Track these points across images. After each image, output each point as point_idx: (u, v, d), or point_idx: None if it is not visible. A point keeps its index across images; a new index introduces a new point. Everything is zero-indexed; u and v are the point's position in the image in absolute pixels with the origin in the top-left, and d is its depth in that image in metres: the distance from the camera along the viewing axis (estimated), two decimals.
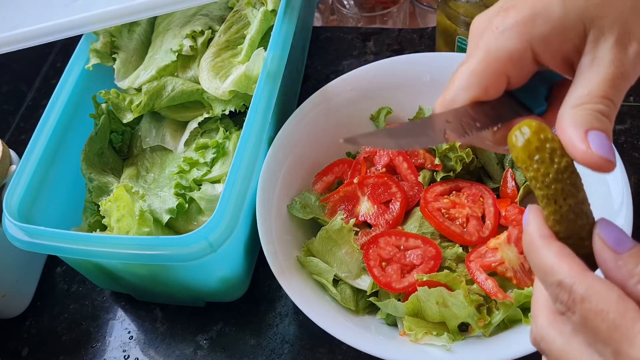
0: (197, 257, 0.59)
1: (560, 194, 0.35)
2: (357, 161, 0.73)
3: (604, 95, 0.36)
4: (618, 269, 0.33)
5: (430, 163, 0.72)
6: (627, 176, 0.63)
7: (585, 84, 0.36)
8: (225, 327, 0.72)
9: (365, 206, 0.69)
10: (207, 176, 0.71)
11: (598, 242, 0.34)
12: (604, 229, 0.34)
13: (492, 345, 0.60)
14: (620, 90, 0.36)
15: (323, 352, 0.68)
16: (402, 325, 0.62)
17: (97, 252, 0.60)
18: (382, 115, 0.77)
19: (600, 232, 0.34)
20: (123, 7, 0.73)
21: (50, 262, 0.80)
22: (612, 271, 0.33)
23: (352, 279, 0.66)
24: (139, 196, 0.66)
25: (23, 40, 0.75)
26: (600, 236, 0.34)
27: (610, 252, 0.33)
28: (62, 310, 0.76)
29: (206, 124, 0.77)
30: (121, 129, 0.79)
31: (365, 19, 1.03)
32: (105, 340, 0.73)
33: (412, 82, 0.76)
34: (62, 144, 0.72)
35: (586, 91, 0.36)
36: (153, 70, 0.76)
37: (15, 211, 0.65)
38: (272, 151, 0.70)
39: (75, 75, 0.76)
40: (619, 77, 0.36)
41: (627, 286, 0.32)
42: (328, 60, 0.95)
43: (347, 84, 0.76)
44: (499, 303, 0.61)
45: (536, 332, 0.36)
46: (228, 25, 0.79)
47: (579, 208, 0.35)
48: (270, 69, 0.69)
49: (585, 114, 0.35)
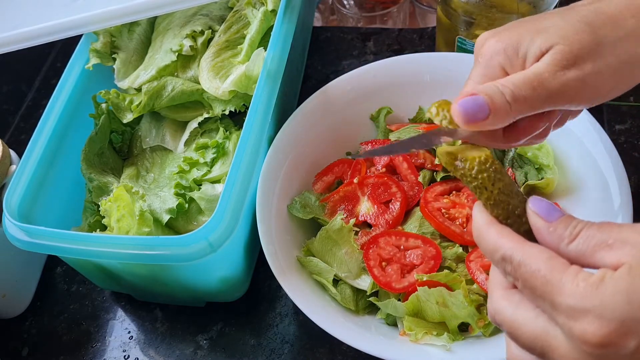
0: (197, 257, 0.59)
1: (487, 181, 0.41)
2: (357, 161, 0.73)
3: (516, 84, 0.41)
4: (550, 234, 0.37)
5: (430, 163, 0.72)
6: (627, 176, 0.63)
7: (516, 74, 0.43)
8: (225, 327, 0.72)
9: (365, 206, 0.69)
10: (207, 176, 0.71)
11: (531, 214, 0.39)
12: (535, 202, 0.39)
13: (492, 345, 0.60)
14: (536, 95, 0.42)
15: (323, 352, 0.68)
16: (402, 325, 0.62)
17: (97, 252, 0.60)
18: (382, 115, 0.77)
19: (532, 206, 0.39)
20: (123, 7, 0.73)
21: (50, 262, 0.80)
22: (545, 238, 0.38)
23: (352, 279, 0.66)
24: (139, 196, 0.66)
25: (23, 40, 0.75)
26: (532, 209, 0.39)
27: (542, 221, 0.38)
28: (62, 310, 0.76)
29: (206, 124, 0.77)
30: (121, 129, 0.79)
31: (365, 19, 1.03)
32: (105, 340, 0.73)
33: (412, 82, 0.76)
34: (62, 144, 0.72)
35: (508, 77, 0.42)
36: (153, 70, 0.76)
37: (15, 211, 0.65)
38: (272, 151, 0.70)
39: (75, 75, 0.76)
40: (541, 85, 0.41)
41: (560, 248, 0.37)
42: (328, 60, 0.95)
43: (347, 84, 0.76)
44: None
45: (491, 307, 0.40)
46: (228, 25, 0.79)
47: (508, 189, 0.41)
48: (270, 69, 0.69)
49: (487, 85, 0.42)
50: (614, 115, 0.82)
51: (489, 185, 0.40)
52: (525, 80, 0.42)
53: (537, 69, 0.42)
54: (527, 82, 0.42)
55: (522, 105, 0.42)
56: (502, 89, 0.42)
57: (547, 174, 0.69)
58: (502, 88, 0.42)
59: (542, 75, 0.42)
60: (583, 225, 0.37)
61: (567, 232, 0.37)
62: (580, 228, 0.37)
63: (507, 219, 0.40)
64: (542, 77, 0.42)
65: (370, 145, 0.74)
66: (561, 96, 0.42)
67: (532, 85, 0.41)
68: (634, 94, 0.84)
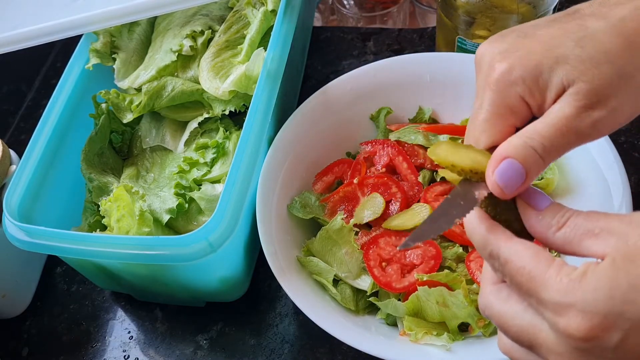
0: (197, 257, 0.59)
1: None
2: (357, 161, 0.73)
3: (545, 135, 0.39)
4: (538, 223, 0.38)
5: (430, 163, 0.72)
6: (627, 176, 0.63)
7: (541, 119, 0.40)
8: (225, 327, 0.72)
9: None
10: (207, 176, 0.71)
11: (520, 203, 0.40)
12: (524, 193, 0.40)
13: (492, 345, 0.60)
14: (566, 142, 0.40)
15: (323, 352, 0.68)
16: (402, 325, 0.62)
17: (97, 252, 0.60)
18: (382, 115, 0.77)
19: (522, 195, 0.40)
20: (123, 7, 0.73)
21: (50, 262, 0.80)
22: (534, 226, 0.39)
23: (352, 279, 0.66)
24: (139, 196, 0.66)
25: (23, 40, 0.75)
26: (522, 199, 0.40)
27: (531, 209, 0.39)
28: (62, 310, 0.76)
29: (206, 124, 0.77)
30: (121, 129, 0.79)
31: (365, 19, 1.03)
32: (105, 340, 0.73)
33: (412, 82, 0.76)
34: (62, 144, 0.72)
35: (533, 127, 0.40)
36: (153, 70, 0.76)
37: (15, 211, 0.65)
38: (272, 151, 0.70)
39: (75, 75, 0.76)
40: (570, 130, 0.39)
41: (548, 236, 0.38)
42: (328, 60, 0.95)
43: (347, 84, 0.76)
44: None
45: (481, 301, 0.41)
46: (228, 25, 0.79)
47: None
48: (270, 69, 0.69)
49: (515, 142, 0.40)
50: None
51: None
52: (553, 128, 0.39)
53: (562, 113, 0.39)
54: (556, 130, 0.39)
55: (554, 154, 0.40)
56: (532, 144, 0.39)
57: (546, 173, 0.69)
58: (531, 142, 0.39)
59: (569, 119, 0.39)
60: (571, 213, 0.37)
61: (555, 220, 0.37)
62: (568, 216, 0.37)
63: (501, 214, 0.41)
64: (570, 121, 0.39)
65: (371, 145, 0.74)
66: (590, 135, 0.40)
67: (562, 133, 0.39)
68: None
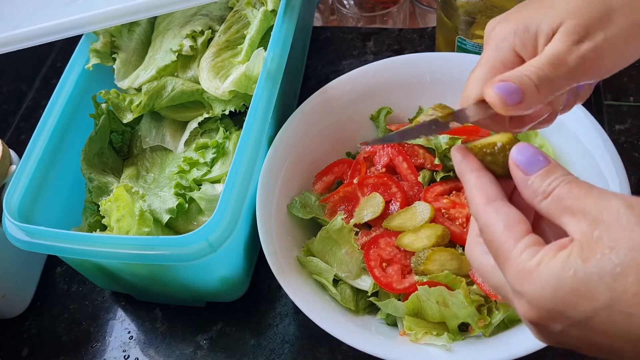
0: (197, 257, 0.59)
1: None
2: (357, 161, 0.73)
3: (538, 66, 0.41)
4: (527, 188, 0.38)
5: (430, 163, 0.72)
6: (627, 176, 0.63)
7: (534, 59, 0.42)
8: (225, 327, 0.72)
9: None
10: (207, 176, 0.71)
11: (512, 165, 0.39)
12: (519, 151, 0.39)
13: (492, 345, 0.60)
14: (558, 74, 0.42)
15: (323, 352, 0.68)
16: (402, 325, 0.62)
17: (97, 252, 0.60)
18: (382, 115, 0.77)
19: (515, 155, 0.39)
20: (123, 7, 0.73)
21: (50, 262, 0.80)
22: (522, 191, 0.39)
23: (352, 279, 0.66)
24: (139, 196, 0.66)
25: (23, 40, 0.75)
26: (513, 160, 0.39)
27: (521, 173, 0.38)
28: (62, 310, 0.76)
29: (206, 124, 0.77)
30: (121, 129, 0.79)
31: (365, 19, 1.03)
32: (105, 340, 0.73)
33: (412, 82, 0.76)
34: (62, 144, 0.72)
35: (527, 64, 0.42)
36: (153, 70, 0.76)
37: (15, 211, 0.65)
38: (272, 151, 0.70)
39: (75, 75, 0.76)
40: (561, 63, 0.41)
41: (534, 204, 0.38)
42: (328, 60, 0.95)
43: (347, 84, 0.76)
44: (499, 303, 0.61)
45: (466, 249, 0.43)
46: (228, 25, 0.79)
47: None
48: (270, 69, 0.69)
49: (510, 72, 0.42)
50: (614, 115, 0.82)
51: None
52: (545, 61, 0.41)
53: (553, 48, 0.42)
54: (548, 62, 0.41)
55: (548, 87, 0.41)
56: (527, 73, 0.41)
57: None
58: (526, 72, 0.41)
59: (559, 53, 0.41)
60: (558, 182, 0.37)
61: (542, 188, 0.37)
62: (554, 186, 0.37)
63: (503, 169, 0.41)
64: (560, 54, 0.41)
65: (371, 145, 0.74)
66: (581, 70, 0.42)
67: (553, 65, 0.41)
68: (634, 94, 0.84)
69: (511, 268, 0.36)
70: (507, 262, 0.37)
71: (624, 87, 0.85)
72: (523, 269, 0.36)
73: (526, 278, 0.35)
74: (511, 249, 0.37)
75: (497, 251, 0.38)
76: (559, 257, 0.35)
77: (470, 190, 0.41)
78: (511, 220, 0.38)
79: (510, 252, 0.37)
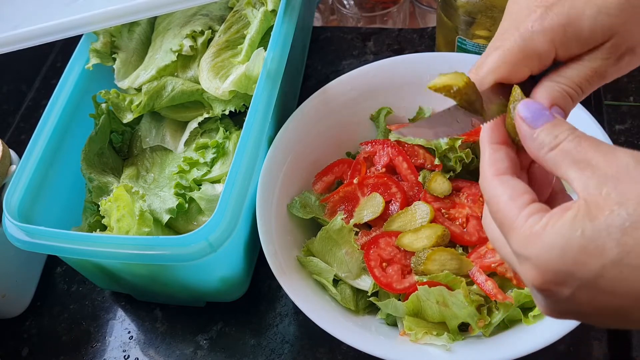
0: (197, 257, 0.59)
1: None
2: (357, 161, 0.73)
3: (578, 83, 0.40)
4: (533, 141, 0.38)
5: (430, 163, 0.72)
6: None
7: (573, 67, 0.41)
8: (225, 327, 0.72)
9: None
10: (207, 176, 0.71)
11: (518, 119, 0.39)
12: (525, 106, 0.39)
13: (492, 345, 0.60)
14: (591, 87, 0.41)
15: (323, 352, 0.68)
16: (402, 325, 0.62)
17: (97, 252, 0.60)
18: (382, 115, 0.77)
19: (520, 109, 0.39)
20: (123, 7, 0.73)
21: (50, 262, 0.80)
22: (528, 144, 0.38)
23: (352, 279, 0.66)
24: (139, 196, 0.66)
25: (23, 40, 0.75)
26: (519, 114, 0.39)
27: (527, 127, 0.38)
28: (62, 310, 0.76)
29: (206, 124, 0.77)
30: (121, 129, 0.79)
31: (365, 19, 1.03)
32: (105, 340, 0.73)
33: (412, 82, 0.76)
34: (62, 144, 0.72)
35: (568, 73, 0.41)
36: (153, 70, 0.76)
37: (15, 211, 0.65)
38: (272, 151, 0.70)
39: (75, 75, 0.76)
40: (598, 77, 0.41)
41: (540, 155, 0.37)
42: (328, 60, 0.95)
43: (347, 84, 0.76)
44: (499, 303, 0.61)
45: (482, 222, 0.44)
46: (228, 25, 0.79)
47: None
48: (270, 69, 0.69)
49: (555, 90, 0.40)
50: (614, 115, 0.82)
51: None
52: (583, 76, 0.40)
53: (595, 64, 0.40)
54: (586, 78, 0.40)
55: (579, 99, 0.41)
56: (566, 90, 0.40)
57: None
58: (566, 89, 0.40)
59: (599, 69, 0.40)
60: (565, 135, 0.37)
61: (548, 140, 0.37)
62: (562, 139, 0.36)
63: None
64: (599, 71, 0.40)
65: (371, 145, 0.74)
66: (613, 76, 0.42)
67: (590, 81, 0.41)
68: (634, 94, 0.84)
69: (516, 235, 0.36)
70: (511, 231, 0.36)
71: (624, 87, 0.85)
72: (529, 234, 0.35)
73: (532, 242, 0.35)
74: (515, 218, 0.36)
75: (501, 221, 0.37)
76: (565, 217, 0.34)
77: (483, 162, 0.40)
78: (516, 192, 0.37)
79: (515, 220, 0.36)
